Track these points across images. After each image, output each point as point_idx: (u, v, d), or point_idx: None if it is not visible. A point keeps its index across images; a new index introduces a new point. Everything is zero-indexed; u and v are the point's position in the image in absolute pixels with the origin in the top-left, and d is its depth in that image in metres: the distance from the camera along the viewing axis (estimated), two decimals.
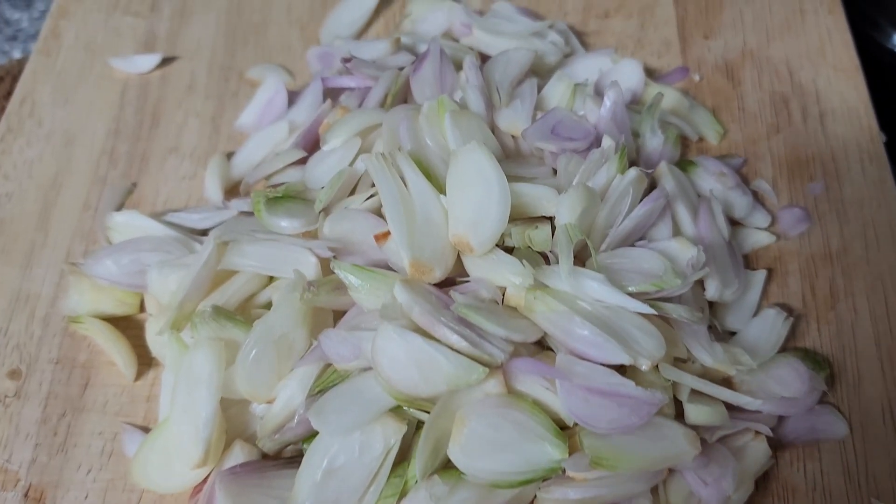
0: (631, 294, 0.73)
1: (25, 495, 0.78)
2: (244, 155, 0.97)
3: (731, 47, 1.09)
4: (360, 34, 1.12)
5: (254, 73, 1.06)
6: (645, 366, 0.70)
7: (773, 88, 1.04)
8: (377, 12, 1.14)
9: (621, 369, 0.72)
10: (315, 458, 0.71)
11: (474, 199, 0.76)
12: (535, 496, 0.72)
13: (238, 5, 1.15)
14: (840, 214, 0.94)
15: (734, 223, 0.92)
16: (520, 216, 0.79)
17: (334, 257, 0.79)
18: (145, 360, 0.85)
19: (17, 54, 1.36)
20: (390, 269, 0.78)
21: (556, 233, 0.76)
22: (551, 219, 0.79)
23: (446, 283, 0.77)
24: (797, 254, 0.92)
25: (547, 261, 0.78)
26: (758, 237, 0.92)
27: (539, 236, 0.77)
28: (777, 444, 0.79)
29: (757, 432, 0.77)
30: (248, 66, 1.08)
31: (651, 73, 1.05)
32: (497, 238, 0.76)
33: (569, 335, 0.72)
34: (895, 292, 0.89)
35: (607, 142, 0.84)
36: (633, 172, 0.81)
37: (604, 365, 0.71)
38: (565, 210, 0.76)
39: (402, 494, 0.70)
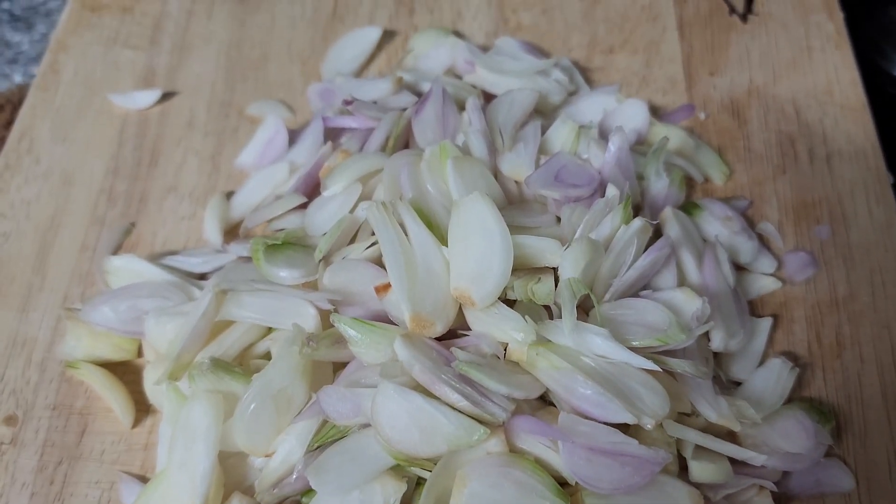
0: (635, 349, 0.72)
1: None
2: (244, 196, 0.97)
3: (738, 85, 1.07)
4: (362, 70, 1.11)
5: (254, 110, 1.06)
6: (649, 425, 0.69)
7: (779, 128, 1.03)
8: (379, 47, 1.13)
9: (624, 426, 0.71)
10: None
11: (477, 252, 0.75)
12: None
13: (238, 40, 1.14)
14: (847, 259, 0.93)
15: (739, 268, 0.91)
16: (522, 267, 0.78)
17: (334, 310, 0.78)
18: (143, 407, 0.85)
19: (17, 77, 1.35)
20: (390, 321, 0.77)
21: (559, 286, 0.75)
22: (554, 268, 0.78)
23: (448, 336, 0.76)
24: (803, 300, 0.91)
25: (549, 312, 0.77)
26: (763, 283, 0.91)
27: (542, 290, 0.75)
28: (782, 498, 0.78)
29: (761, 487, 0.76)
30: (248, 102, 1.07)
31: (656, 111, 1.04)
32: (499, 292, 0.75)
33: (572, 394, 0.71)
34: None
35: (612, 191, 0.83)
36: (637, 223, 0.80)
37: (607, 424, 0.70)
38: (569, 264, 0.75)
39: None
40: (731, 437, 0.78)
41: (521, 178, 0.88)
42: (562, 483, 0.70)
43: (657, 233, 0.86)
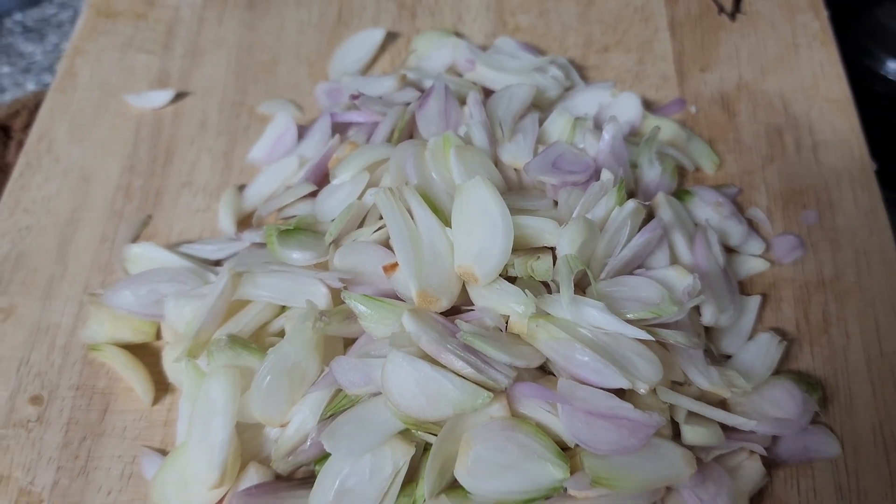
0: (629, 321, 0.76)
1: None
2: (256, 188, 1.01)
3: (727, 80, 1.12)
4: (367, 70, 1.16)
5: (264, 108, 1.10)
6: (643, 390, 0.73)
7: (767, 120, 1.08)
8: (383, 48, 1.18)
9: (620, 393, 0.75)
10: (327, 480, 0.74)
11: (479, 233, 0.79)
12: None
13: (248, 44, 1.19)
14: (833, 242, 0.97)
15: (729, 251, 0.96)
16: (522, 247, 0.82)
17: (345, 288, 0.82)
18: (162, 386, 0.89)
19: (30, 86, 1.41)
20: (398, 298, 0.82)
21: (556, 263, 0.79)
22: (552, 248, 0.82)
23: (452, 312, 0.80)
24: (791, 280, 0.95)
25: (548, 289, 0.81)
26: (753, 264, 0.95)
27: (541, 267, 0.80)
28: (771, 463, 0.82)
29: (752, 451, 0.80)
30: (259, 103, 1.11)
31: (649, 106, 1.09)
32: (501, 269, 0.79)
33: (570, 361, 0.75)
34: (886, 317, 0.92)
35: (606, 175, 0.87)
36: (630, 204, 0.85)
37: (603, 389, 0.74)
38: (566, 242, 0.79)
39: None
40: (722, 405, 0.82)
41: (521, 166, 0.92)
42: (562, 447, 0.75)
43: (650, 217, 0.90)
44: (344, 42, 1.17)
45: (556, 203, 0.89)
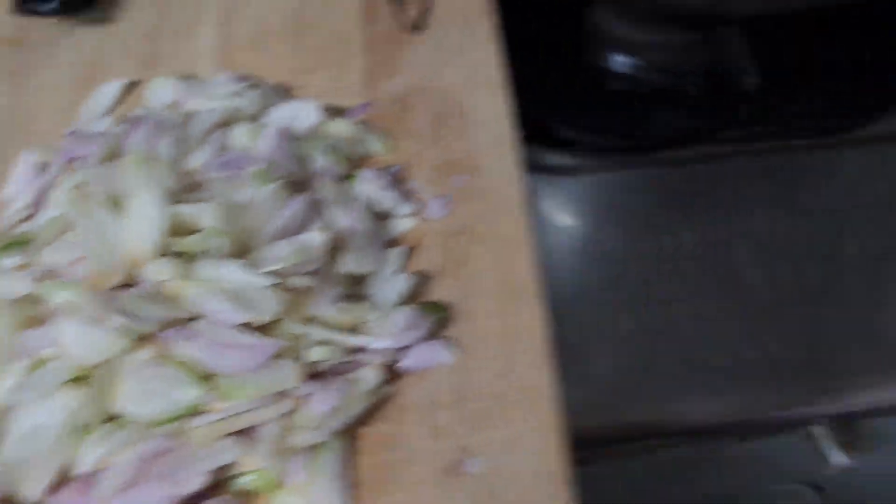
0: (266, 273, 0.97)
1: None
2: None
3: (408, 84, 1.34)
4: (109, 115, 1.36)
5: (20, 157, 1.30)
6: (259, 320, 0.94)
7: (435, 111, 1.29)
8: (127, 95, 1.38)
9: (261, 330, 0.95)
10: (20, 421, 0.93)
11: (141, 222, 1.00)
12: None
13: (11, 107, 1.39)
14: (477, 198, 1.17)
15: (386, 216, 1.16)
16: (187, 230, 1.03)
17: (40, 279, 1.01)
18: None
19: None
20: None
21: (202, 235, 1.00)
22: None
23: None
24: (438, 232, 1.15)
25: None
26: (403, 223, 1.15)
27: (192, 241, 1.00)
28: (397, 375, 1.01)
29: (372, 365, 1.00)
30: (19, 154, 1.32)
31: (341, 112, 1.30)
32: (158, 249, 0.98)
33: (206, 307, 0.95)
34: (514, 253, 1.12)
35: (254, 166, 1.08)
36: (271, 186, 1.05)
37: (234, 326, 0.94)
38: (207, 217, 1.00)
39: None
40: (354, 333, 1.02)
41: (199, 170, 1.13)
42: (209, 377, 0.94)
43: None
44: (90, 96, 1.38)
45: None
